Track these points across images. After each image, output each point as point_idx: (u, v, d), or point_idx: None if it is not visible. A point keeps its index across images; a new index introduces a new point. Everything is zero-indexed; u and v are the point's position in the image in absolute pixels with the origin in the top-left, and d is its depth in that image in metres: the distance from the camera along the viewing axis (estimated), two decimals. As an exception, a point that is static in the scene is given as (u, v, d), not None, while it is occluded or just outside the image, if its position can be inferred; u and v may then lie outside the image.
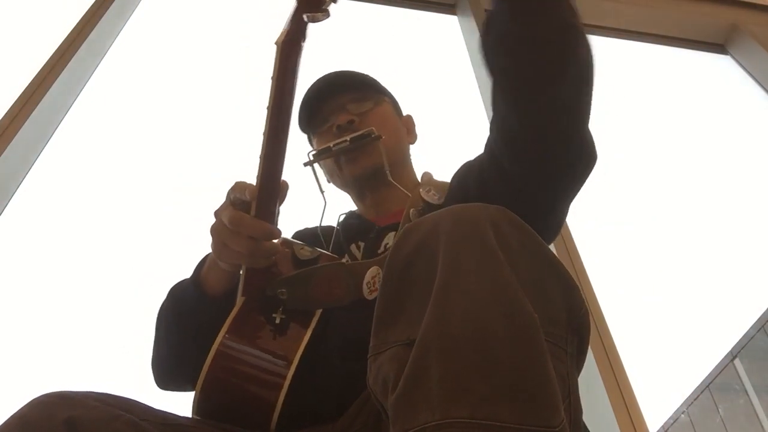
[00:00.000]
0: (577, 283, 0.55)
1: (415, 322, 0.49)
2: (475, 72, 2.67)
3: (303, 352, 0.78)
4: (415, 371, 0.46)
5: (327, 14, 0.73)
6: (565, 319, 0.52)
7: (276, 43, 0.73)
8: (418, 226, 0.56)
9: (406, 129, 1.17)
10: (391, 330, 0.52)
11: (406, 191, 0.99)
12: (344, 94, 1.09)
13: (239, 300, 0.83)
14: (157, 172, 1.92)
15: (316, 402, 0.79)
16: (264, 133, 0.76)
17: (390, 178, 1.00)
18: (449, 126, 2.30)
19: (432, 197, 0.98)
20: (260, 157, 0.77)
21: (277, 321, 0.79)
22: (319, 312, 0.83)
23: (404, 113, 1.21)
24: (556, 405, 0.44)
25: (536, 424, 0.43)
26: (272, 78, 0.74)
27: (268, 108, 0.75)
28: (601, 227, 2.07)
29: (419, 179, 1.12)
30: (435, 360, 0.45)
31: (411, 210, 0.96)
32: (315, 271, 0.83)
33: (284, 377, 0.76)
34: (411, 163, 1.16)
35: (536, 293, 0.50)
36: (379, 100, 1.11)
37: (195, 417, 0.78)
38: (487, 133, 0.88)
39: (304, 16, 0.72)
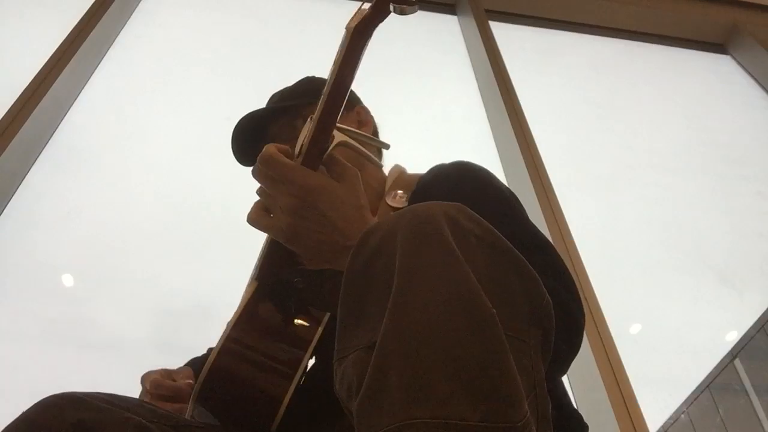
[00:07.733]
0: (537, 276, 0.54)
1: (375, 325, 0.49)
2: (474, 72, 2.67)
3: (313, 349, 0.76)
4: (376, 374, 0.46)
5: (416, 8, 0.64)
6: (526, 312, 0.52)
7: (347, 28, 0.66)
8: (376, 229, 0.56)
9: (357, 123, 1.06)
10: (353, 334, 0.52)
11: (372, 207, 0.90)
12: (273, 122, 1.03)
13: (251, 285, 0.80)
14: (156, 172, 1.92)
15: (319, 402, 0.77)
16: (312, 120, 0.69)
17: None
18: (449, 125, 2.30)
19: (399, 201, 0.92)
20: (307, 139, 0.70)
21: (292, 310, 0.77)
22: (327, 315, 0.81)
23: (359, 105, 1.08)
24: (518, 400, 0.44)
25: (498, 420, 0.42)
26: (335, 65, 0.67)
27: (322, 95, 0.68)
28: (601, 227, 2.08)
29: (387, 177, 1.03)
30: (395, 362, 0.45)
31: None
32: (337, 276, 0.77)
33: (295, 370, 0.74)
34: (374, 162, 0.97)
35: (495, 288, 0.50)
36: (307, 113, 1.00)
37: (196, 409, 0.76)
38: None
39: (391, 6, 0.64)
